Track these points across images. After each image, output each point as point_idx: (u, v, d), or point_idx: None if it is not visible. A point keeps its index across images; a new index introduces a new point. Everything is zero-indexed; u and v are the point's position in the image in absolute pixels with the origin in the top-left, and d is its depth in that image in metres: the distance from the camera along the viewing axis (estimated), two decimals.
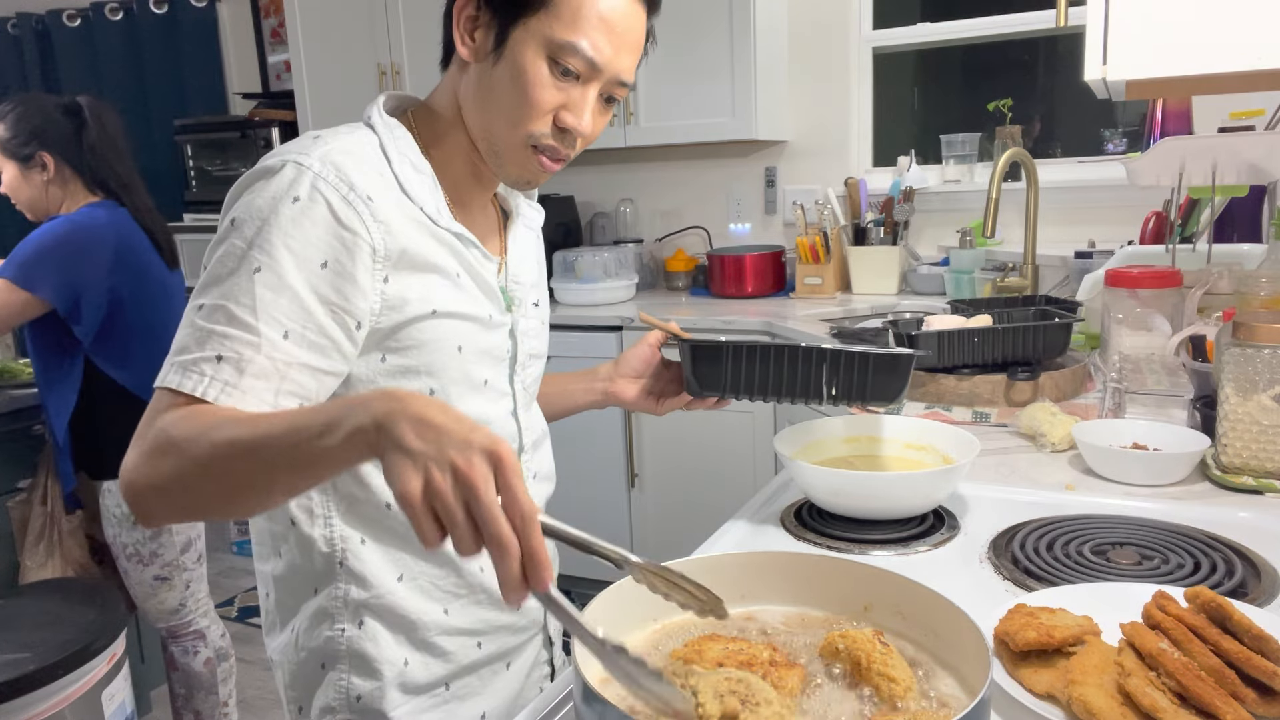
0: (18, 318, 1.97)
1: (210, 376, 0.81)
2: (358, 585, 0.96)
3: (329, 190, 0.85)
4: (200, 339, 0.82)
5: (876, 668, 0.66)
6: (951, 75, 3.38)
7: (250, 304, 0.82)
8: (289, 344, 0.83)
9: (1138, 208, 2.64)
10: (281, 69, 4.33)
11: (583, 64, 0.90)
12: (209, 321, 0.83)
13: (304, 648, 0.99)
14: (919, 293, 3.04)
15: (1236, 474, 1.20)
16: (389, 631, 0.97)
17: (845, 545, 1.08)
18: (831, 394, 1.09)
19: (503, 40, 0.90)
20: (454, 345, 0.95)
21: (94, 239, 2.00)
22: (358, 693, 0.97)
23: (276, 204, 0.84)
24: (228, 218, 0.86)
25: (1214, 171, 1.69)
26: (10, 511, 2.21)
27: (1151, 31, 1.07)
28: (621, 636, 0.75)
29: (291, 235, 0.84)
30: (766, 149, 3.39)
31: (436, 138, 0.97)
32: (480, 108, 0.93)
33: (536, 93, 0.90)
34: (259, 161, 0.88)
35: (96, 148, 2.06)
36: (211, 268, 0.85)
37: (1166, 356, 1.53)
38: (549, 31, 0.89)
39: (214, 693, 2.30)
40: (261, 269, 0.83)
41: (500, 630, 1.05)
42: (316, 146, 0.88)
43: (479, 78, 0.93)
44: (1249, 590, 0.92)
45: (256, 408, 0.82)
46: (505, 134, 0.93)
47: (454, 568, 0.99)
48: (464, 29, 0.92)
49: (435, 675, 1.00)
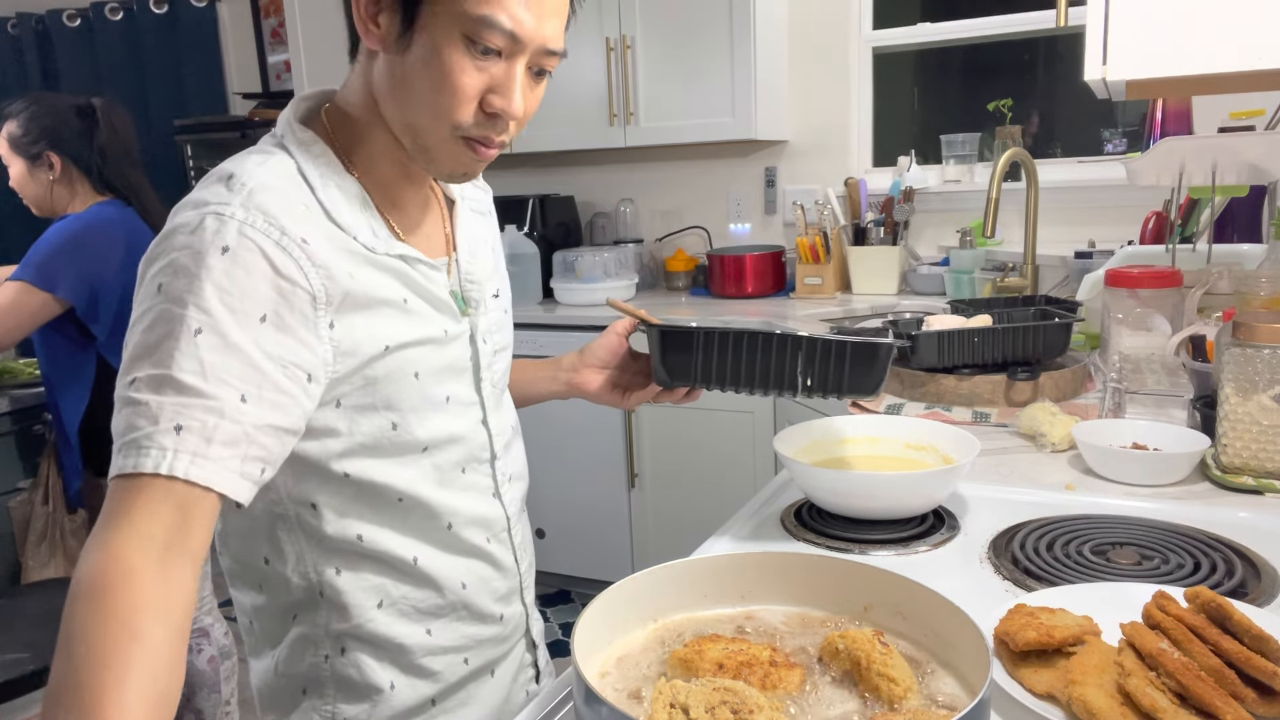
0: (38, 318, 1.97)
1: (173, 449, 0.72)
2: (338, 616, 0.92)
3: (259, 236, 0.77)
4: (149, 414, 0.72)
5: (876, 668, 0.66)
6: (951, 75, 3.38)
7: (197, 369, 0.73)
8: (249, 407, 0.75)
9: (1138, 208, 2.64)
10: (281, 69, 4.33)
11: (503, 39, 0.80)
12: (154, 394, 0.72)
13: (284, 674, 0.96)
14: (919, 293, 3.04)
15: (1236, 474, 1.20)
16: (373, 658, 0.94)
17: (845, 545, 1.08)
18: (807, 385, 1.03)
19: (410, 23, 0.80)
20: (410, 374, 0.89)
21: (106, 237, 2.01)
22: (344, 717, 0.95)
23: (203, 257, 0.75)
24: (149, 284, 0.77)
25: (1214, 171, 1.69)
26: (12, 511, 2.21)
27: (1151, 31, 1.07)
28: (621, 636, 0.75)
29: (226, 290, 0.75)
30: (766, 149, 3.40)
31: (355, 140, 0.88)
32: (398, 101, 0.84)
33: (457, 78, 0.81)
34: (175, 214, 0.79)
35: (107, 150, 2.07)
36: (139, 338, 0.75)
37: (1166, 356, 1.53)
38: (460, 7, 0.79)
39: (217, 690, 2.30)
40: (202, 330, 0.74)
41: (484, 643, 1.02)
42: (234, 191, 0.79)
43: (390, 68, 0.83)
44: (1249, 590, 0.92)
45: (225, 480, 0.74)
46: (430, 127, 0.84)
47: (434, 588, 0.96)
48: (365, 13, 0.82)
49: (422, 695, 0.98)
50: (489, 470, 1.00)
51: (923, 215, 3.18)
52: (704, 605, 0.79)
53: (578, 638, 0.67)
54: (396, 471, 0.90)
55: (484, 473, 0.99)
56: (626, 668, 0.72)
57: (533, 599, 1.10)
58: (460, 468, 0.96)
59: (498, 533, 1.01)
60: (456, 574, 0.97)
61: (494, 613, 1.02)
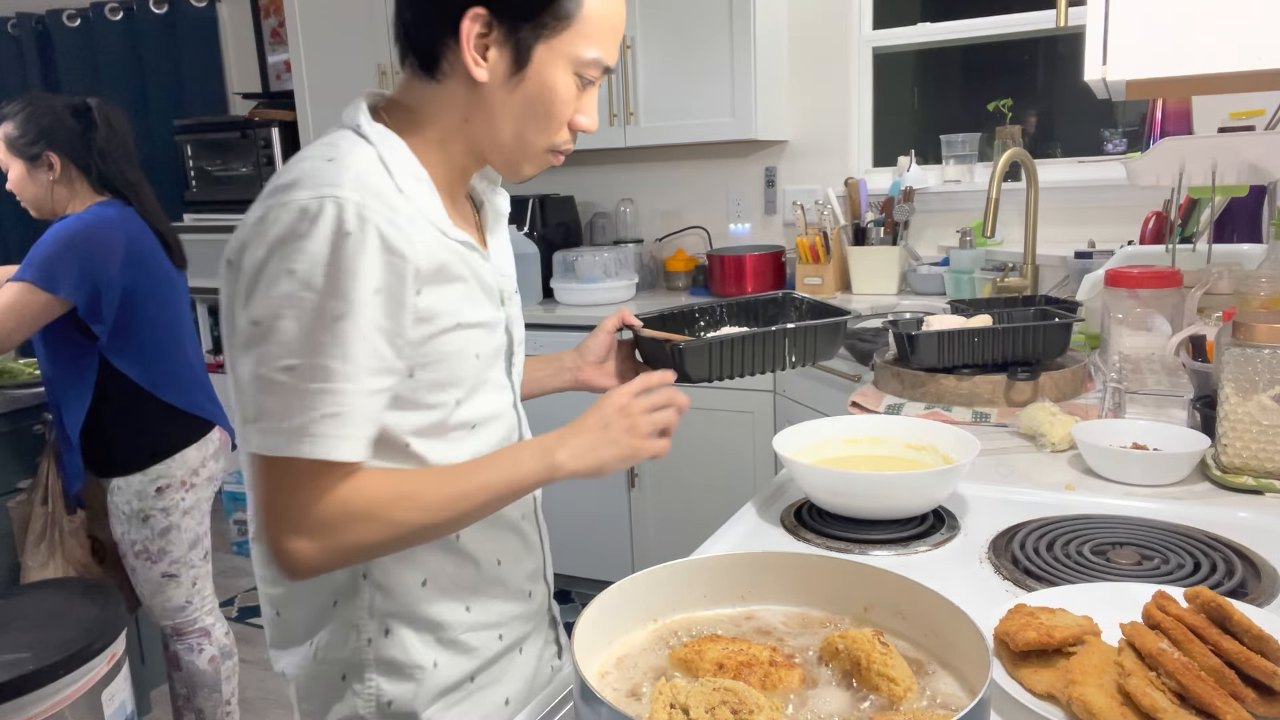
0: (40, 319, 1.97)
1: (334, 436, 0.84)
2: (383, 595, 0.97)
3: (375, 217, 0.84)
4: (306, 401, 0.83)
5: (876, 668, 0.66)
6: (951, 75, 3.38)
7: (341, 354, 0.83)
8: (372, 380, 0.86)
9: (1138, 208, 2.64)
10: (281, 69, 4.33)
11: (600, 73, 0.95)
12: (308, 381, 0.83)
13: (324, 660, 1.00)
14: (919, 293, 3.04)
15: (1236, 474, 1.20)
16: (416, 636, 0.99)
17: (845, 545, 1.08)
18: (791, 361, 1.27)
19: (525, 61, 0.91)
20: (472, 354, 0.97)
21: (106, 237, 2.00)
22: (388, 698, 0.99)
23: (334, 245, 0.83)
24: (278, 265, 0.83)
25: (1214, 171, 1.69)
26: (11, 511, 2.21)
27: (1151, 31, 1.07)
28: (621, 636, 0.75)
29: (355, 274, 0.83)
30: (766, 149, 3.39)
31: (426, 145, 0.96)
32: (499, 123, 0.94)
33: (565, 106, 0.94)
34: (280, 195, 0.85)
35: (105, 150, 2.06)
36: (280, 323, 0.83)
37: (1166, 356, 1.53)
38: (575, 50, 0.92)
39: (218, 690, 2.30)
40: (343, 318, 0.83)
41: (516, 620, 1.08)
42: (340, 172, 0.86)
43: (501, 97, 0.93)
44: (1249, 590, 0.92)
45: (355, 448, 0.86)
46: (533, 143, 0.96)
47: (474, 564, 1.01)
48: (475, 50, 0.90)
49: (463, 671, 1.02)
50: None
51: (923, 215, 3.18)
52: (704, 605, 0.79)
53: (578, 638, 0.67)
54: (448, 450, 0.97)
55: None
56: (626, 668, 0.72)
57: (552, 578, 1.16)
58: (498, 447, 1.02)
59: (527, 512, 1.09)
60: (493, 551, 1.03)
61: (524, 589, 1.08)
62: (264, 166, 3.91)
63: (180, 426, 2.14)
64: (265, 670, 2.98)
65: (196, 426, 2.16)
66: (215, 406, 2.24)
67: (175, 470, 2.12)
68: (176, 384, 2.12)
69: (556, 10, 0.90)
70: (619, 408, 0.96)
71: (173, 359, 2.13)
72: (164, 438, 2.12)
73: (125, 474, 2.10)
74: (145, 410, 2.09)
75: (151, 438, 2.11)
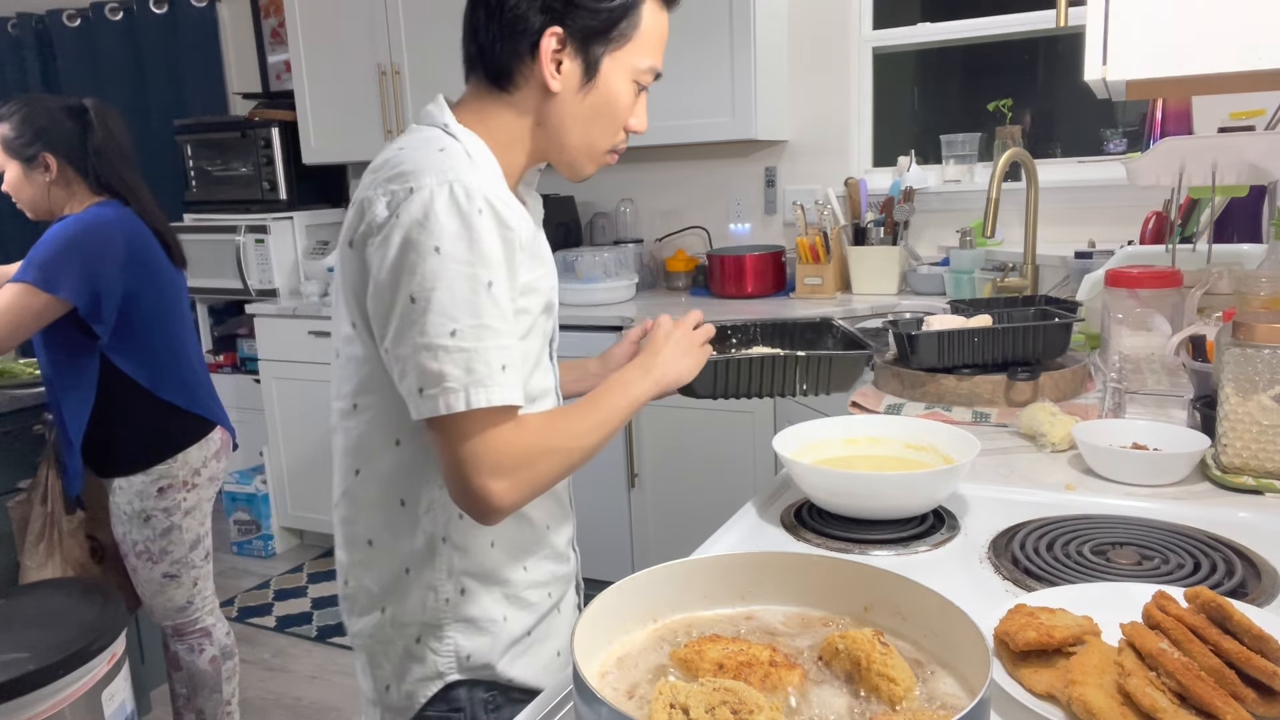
0: (41, 319, 1.96)
1: (506, 384, 0.95)
2: (460, 554, 1.08)
3: (491, 197, 0.96)
4: (478, 358, 0.94)
5: (876, 668, 0.66)
6: (951, 75, 3.38)
7: (498, 312, 0.96)
8: (513, 337, 0.99)
9: (1138, 208, 2.64)
10: (281, 69, 4.33)
11: (652, 79, 1.08)
12: (473, 341, 0.94)
13: (398, 625, 1.09)
14: (919, 293, 3.04)
15: (1236, 474, 1.20)
16: (488, 593, 1.10)
17: (845, 545, 1.08)
18: (803, 389, 1.27)
19: (595, 72, 1.04)
20: (540, 330, 1.10)
21: (106, 237, 2.00)
22: (466, 652, 1.09)
23: (468, 221, 0.94)
24: (420, 245, 0.93)
25: (1214, 171, 1.69)
26: (10, 511, 2.21)
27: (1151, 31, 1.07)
28: (621, 636, 0.75)
29: (490, 244, 0.95)
30: (766, 149, 3.40)
31: (497, 147, 1.06)
32: (568, 129, 1.06)
33: (626, 111, 1.08)
34: (400, 182, 0.96)
35: (102, 151, 2.05)
36: (435, 294, 0.93)
37: (1166, 356, 1.53)
38: (634, 60, 1.05)
39: (218, 691, 2.30)
40: (492, 283, 0.95)
41: (559, 580, 1.19)
42: (455, 160, 0.97)
43: (572, 105, 1.05)
44: (1249, 590, 0.92)
45: (521, 393, 0.98)
46: (597, 146, 1.09)
47: (530, 527, 1.13)
48: (551, 64, 1.02)
49: (524, 625, 1.13)
50: None
51: (923, 215, 3.18)
52: (704, 605, 0.79)
53: (578, 638, 0.67)
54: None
55: None
56: (626, 668, 0.72)
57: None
58: None
59: (567, 482, 1.21)
60: (543, 516, 1.16)
61: (565, 553, 1.21)
62: (264, 166, 3.91)
63: (182, 426, 2.14)
64: (266, 670, 2.98)
65: (198, 426, 2.16)
66: (217, 406, 2.24)
67: (177, 470, 2.12)
68: (178, 383, 2.12)
69: (622, 27, 1.03)
70: (674, 333, 1.17)
71: (174, 358, 2.13)
72: (165, 437, 2.12)
73: (127, 474, 2.10)
74: (146, 410, 2.08)
75: (153, 437, 2.11)
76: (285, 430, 3.77)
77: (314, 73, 3.75)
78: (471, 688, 1.10)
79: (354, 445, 1.08)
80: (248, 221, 3.83)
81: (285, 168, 3.90)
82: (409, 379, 0.95)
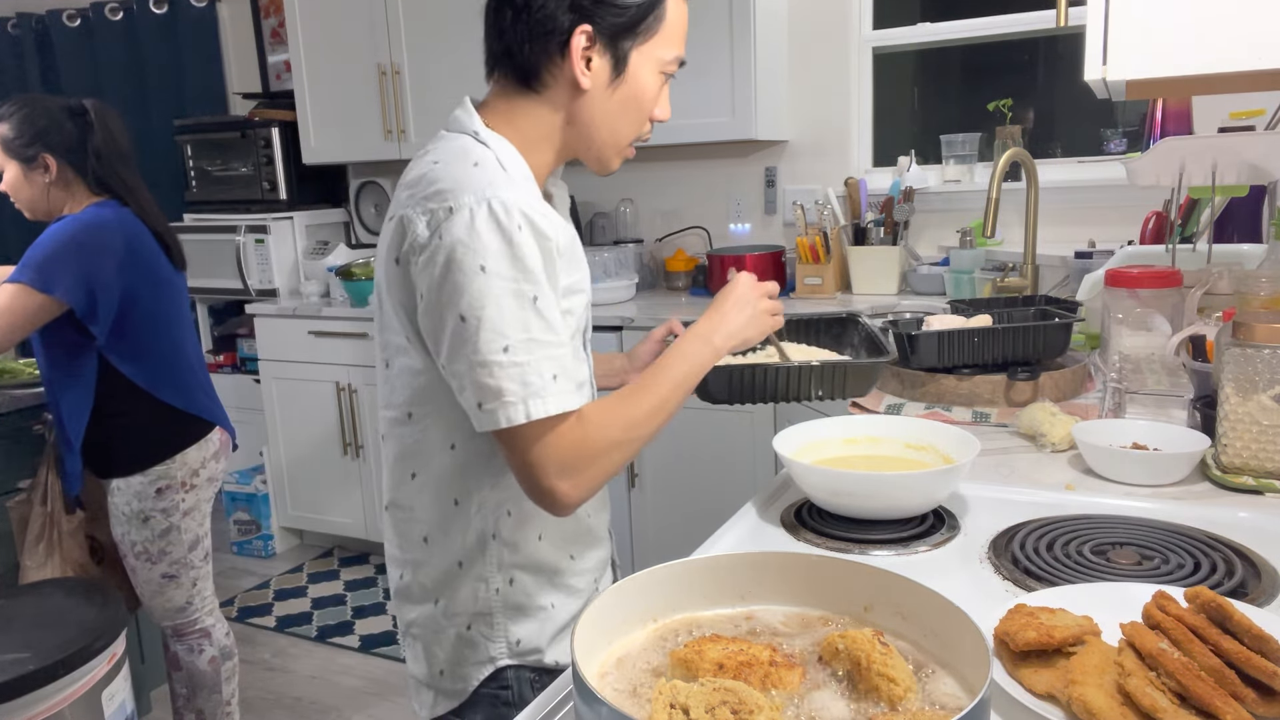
0: (37, 320, 1.96)
1: (559, 393, 1.00)
2: (509, 549, 1.13)
3: (529, 210, 0.99)
4: (530, 370, 0.98)
5: (876, 668, 0.66)
6: (951, 75, 3.38)
7: (544, 324, 0.99)
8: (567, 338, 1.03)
9: (1138, 208, 2.64)
10: (281, 69, 4.33)
11: (677, 68, 1.11)
12: (529, 355, 0.98)
13: (451, 615, 1.15)
14: (919, 293, 3.04)
15: (1236, 474, 1.20)
16: (535, 581, 1.15)
17: (845, 545, 1.08)
18: (818, 395, 1.26)
19: (623, 66, 1.06)
20: (584, 325, 1.15)
21: (104, 237, 1.99)
22: (517, 638, 1.15)
23: (510, 238, 0.97)
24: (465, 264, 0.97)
25: (1214, 171, 1.69)
26: (10, 511, 2.21)
27: (1151, 31, 1.07)
28: (621, 636, 0.75)
29: (531, 259, 0.98)
30: (766, 149, 3.40)
31: (526, 146, 1.08)
32: (597, 123, 1.09)
33: (652, 102, 1.10)
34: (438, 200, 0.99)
35: (102, 152, 2.05)
36: (487, 313, 0.97)
37: (1166, 356, 1.53)
38: (660, 52, 1.07)
39: (218, 691, 2.30)
40: (537, 297, 0.99)
41: (600, 564, 1.24)
42: (490, 173, 1.00)
43: (601, 100, 1.07)
44: (1249, 590, 0.92)
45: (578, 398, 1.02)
46: (625, 138, 1.12)
47: (575, 518, 1.17)
48: (581, 62, 1.04)
49: (571, 611, 1.18)
50: None
51: (923, 215, 3.18)
52: (704, 605, 0.79)
53: (578, 638, 0.66)
54: None
55: None
56: (626, 668, 0.72)
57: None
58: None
59: None
60: (587, 505, 1.19)
61: (604, 538, 1.25)
62: (264, 166, 3.91)
63: (180, 427, 2.13)
64: (266, 670, 2.98)
65: (197, 427, 2.16)
66: (215, 406, 2.24)
67: (175, 471, 2.12)
68: (176, 384, 2.12)
69: (649, 21, 1.05)
70: (753, 286, 1.18)
71: (172, 359, 2.12)
72: (164, 438, 2.12)
73: (125, 475, 2.10)
74: (145, 411, 2.08)
75: (151, 439, 2.11)
76: (285, 430, 3.77)
77: (314, 73, 3.75)
78: (519, 670, 1.16)
79: (409, 451, 1.12)
80: (248, 221, 3.83)
81: (285, 168, 3.90)
82: (467, 394, 0.99)
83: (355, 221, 4.12)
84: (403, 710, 2.73)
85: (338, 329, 3.55)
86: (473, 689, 1.16)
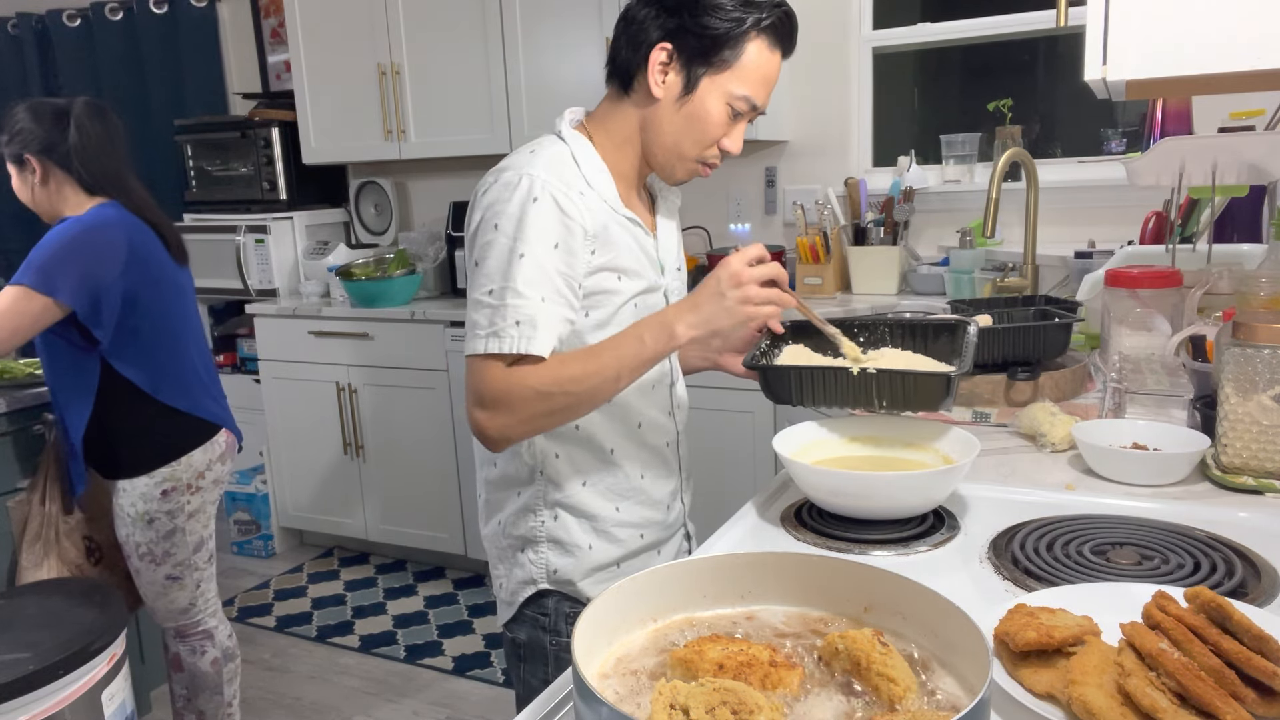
0: (39, 323, 1.94)
1: (516, 336, 1.15)
2: (553, 487, 1.30)
3: (554, 190, 1.17)
4: (499, 313, 1.15)
5: (876, 668, 0.66)
6: (951, 75, 3.38)
7: (523, 279, 1.15)
8: (549, 305, 1.17)
9: (1138, 208, 2.64)
10: (281, 69, 4.33)
11: (748, 109, 1.23)
12: (499, 300, 1.16)
13: (508, 535, 1.33)
14: (919, 293, 3.04)
15: (1236, 474, 1.20)
16: (576, 522, 1.31)
17: (845, 545, 1.08)
18: (882, 405, 1.21)
19: (693, 88, 1.21)
20: (631, 303, 1.26)
21: (106, 239, 1.98)
22: (554, 567, 1.31)
23: (523, 207, 1.16)
24: (487, 222, 1.18)
25: (1214, 171, 1.69)
26: (11, 511, 2.20)
27: (1151, 31, 1.07)
28: (621, 636, 0.75)
29: (536, 227, 1.16)
30: (766, 149, 3.39)
31: (612, 146, 1.27)
32: (665, 133, 1.24)
33: (715, 129, 1.23)
34: (494, 175, 1.21)
35: (82, 149, 2.01)
36: (486, 262, 1.18)
37: (1166, 356, 1.53)
38: (730, 87, 1.21)
39: (219, 692, 2.30)
40: (525, 255, 1.15)
41: (655, 525, 1.38)
42: (534, 160, 1.20)
43: (669, 113, 1.23)
44: (1249, 590, 0.92)
45: (535, 345, 1.15)
46: (687, 153, 1.25)
47: (624, 474, 1.33)
48: (657, 73, 1.21)
49: (611, 556, 1.33)
50: (668, 392, 1.39)
51: (923, 215, 3.18)
52: (704, 605, 0.79)
53: (578, 638, 0.66)
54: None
55: (664, 394, 1.38)
56: (626, 668, 0.72)
57: (690, 501, 1.50)
58: (651, 385, 1.34)
59: (669, 442, 1.39)
60: (639, 466, 1.34)
61: (664, 503, 1.39)
62: (264, 166, 3.91)
63: (185, 430, 2.13)
64: (267, 670, 2.98)
65: (201, 429, 2.15)
66: (221, 408, 2.22)
67: (181, 474, 2.12)
68: (179, 387, 2.11)
69: (724, 55, 1.19)
70: (732, 274, 1.14)
71: (175, 362, 2.11)
72: (169, 441, 2.11)
73: (130, 476, 2.10)
74: (148, 414, 2.07)
75: (156, 441, 2.10)
76: (285, 430, 3.77)
77: (314, 73, 3.75)
78: (559, 600, 1.32)
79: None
80: (248, 221, 3.83)
81: (285, 168, 3.90)
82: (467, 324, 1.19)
83: (355, 221, 4.12)
84: (403, 710, 2.73)
85: (338, 329, 3.55)
86: (519, 605, 1.34)
